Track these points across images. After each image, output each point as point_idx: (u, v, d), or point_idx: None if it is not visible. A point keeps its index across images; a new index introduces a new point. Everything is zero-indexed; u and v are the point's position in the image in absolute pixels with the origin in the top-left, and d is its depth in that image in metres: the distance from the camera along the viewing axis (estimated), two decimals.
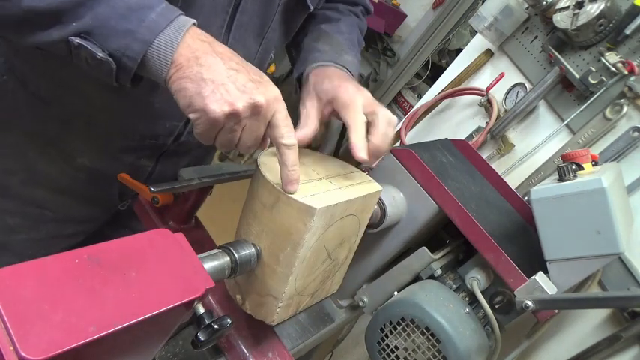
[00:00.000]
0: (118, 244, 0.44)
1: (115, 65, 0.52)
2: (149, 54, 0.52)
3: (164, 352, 0.75)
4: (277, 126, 0.55)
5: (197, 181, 0.73)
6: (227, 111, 0.51)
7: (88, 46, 0.51)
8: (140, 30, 0.51)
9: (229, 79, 0.52)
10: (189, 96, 0.52)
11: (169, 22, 0.52)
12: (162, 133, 0.81)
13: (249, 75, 0.54)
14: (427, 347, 0.70)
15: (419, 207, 0.77)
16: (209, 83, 0.51)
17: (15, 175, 0.80)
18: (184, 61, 0.52)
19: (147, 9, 0.51)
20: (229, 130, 0.54)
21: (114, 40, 0.51)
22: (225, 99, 0.51)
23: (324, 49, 0.81)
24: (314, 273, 0.64)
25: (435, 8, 2.90)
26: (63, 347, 0.33)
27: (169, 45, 0.51)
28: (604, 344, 0.95)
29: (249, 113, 0.53)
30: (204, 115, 0.52)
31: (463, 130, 1.39)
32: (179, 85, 0.52)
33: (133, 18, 0.51)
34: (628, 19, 1.02)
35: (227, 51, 0.55)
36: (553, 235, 0.72)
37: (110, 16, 0.50)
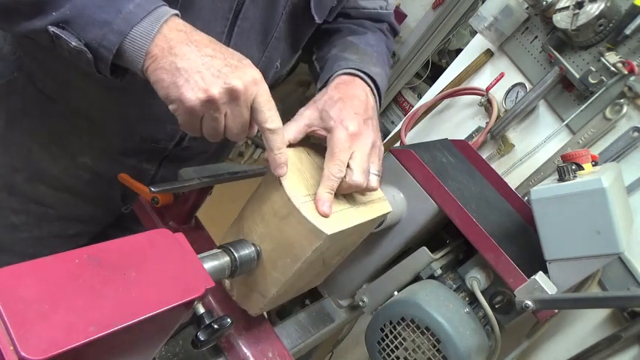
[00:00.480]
0: (118, 244, 0.44)
1: (92, 55, 0.52)
2: (124, 45, 0.51)
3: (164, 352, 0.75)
4: (260, 110, 0.54)
5: (197, 181, 0.73)
6: (202, 98, 0.51)
7: (64, 36, 0.51)
8: (116, 21, 0.50)
9: (204, 65, 0.51)
10: (165, 87, 0.51)
11: (147, 13, 0.52)
12: (162, 136, 0.81)
13: (225, 60, 0.52)
14: (427, 347, 0.70)
15: (419, 207, 0.77)
16: (183, 72, 0.51)
17: (19, 171, 0.81)
18: (159, 52, 0.51)
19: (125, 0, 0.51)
20: (211, 118, 0.53)
21: (90, 30, 0.51)
22: (199, 86, 0.50)
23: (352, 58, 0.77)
24: (305, 277, 0.65)
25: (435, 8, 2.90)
26: (63, 347, 0.33)
27: (145, 36, 0.51)
28: (604, 344, 0.95)
29: (226, 99, 0.52)
30: (181, 104, 0.51)
31: (463, 130, 1.39)
32: (156, 76, 0.52)
33: (110, 9, 0.51)
34: (628, 19, 1.01)
35: (204, 38, 0.54)
36: (553, 235, 0.72)
37: (88, 5, 0.51)
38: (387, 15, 0.91)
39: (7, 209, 0.83)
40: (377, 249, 0.83)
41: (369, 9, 0.89)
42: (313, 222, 0.55)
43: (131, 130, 0.79)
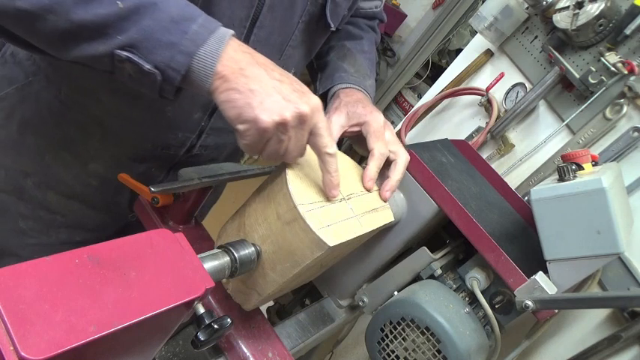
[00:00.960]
0: (117, 244, 0.43)
1: (160, 77, 0.52)
2: (193, 65, 0.52)
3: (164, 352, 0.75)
4: (320, 135, 0.57)
5: (197, 181, 0.73)
6: (277, 120, 0.52)
7: (135, 59, 0.51)
8: (183, 42, 0.51)
9: (275, 89, 0.53)
10: (238, 107, 0.52)
11: (211, 33, 0.53)
12: (173, 143, 0.82)
13: (291, 85, 0.55)
14: (427, 347, 0.70)
15: (419, 207, 0.77)
16: (257, 94, 0.52)
17: (30, 176, 0.81)
18: (229, 73, 0.52)
19: (189, 20, 0.52)
20: (277, 140, 0.55)
21: (158, 52, 0.51)
22: (274, 109, 0.52)
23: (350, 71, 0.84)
24: (301, 278, 0.65)
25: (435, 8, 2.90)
26: (63, 347, 0.33)
27: (212, 56, 0.52)
28: (604, 344, 0.95)
29: (296, 123, 0.54)
30: (255, 125, 0.52)
31: (463, 130, 1.39)
32: (227, 96, 0.52)
33: (176, 30, 0.51)
34: (628, 19, 1.01)
35: (268, 62, 0.56)
36: (553, 235, 0.72)
37: (154, 29, 0.51)
38: (379, 13, 0.98)
39: (16, 214, 0.83)
40: (377, 249, 0.83)
41: (366, 9, 0.94)
42: (317, 233, 0.55)
43: (144, 136, 0.80)
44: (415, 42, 2.97)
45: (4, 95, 0.76)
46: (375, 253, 0.83)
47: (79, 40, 0.52)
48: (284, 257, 0.58)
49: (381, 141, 0.72)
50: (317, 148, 0.58)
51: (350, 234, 0.60)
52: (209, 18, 0.54)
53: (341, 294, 0.90)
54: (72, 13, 0.50)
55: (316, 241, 0.55)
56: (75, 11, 0.49)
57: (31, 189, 0.82)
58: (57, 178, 0.81)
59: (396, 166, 0.73)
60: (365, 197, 0.69)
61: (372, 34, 0.98)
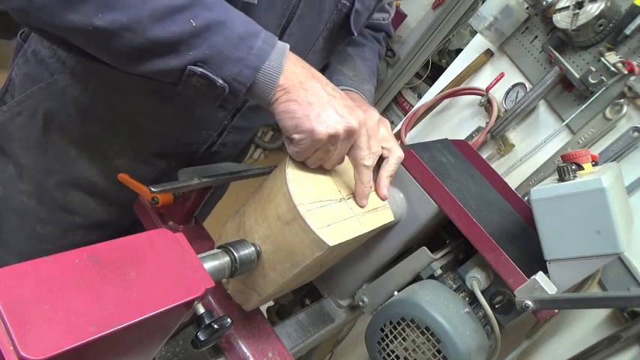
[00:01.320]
0: (117, 244, 0.44)
1: (228, 90, 0.55)
2: (258, 79, 0.56)
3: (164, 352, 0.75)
4: (361, 148, 0.62)
5: (197, 181, 0.73)
6: (331, 133, 0.56)
7: (209, 74, 0.54)
8: (250, 57, 0.55)
9: (329, 103, 0.57)
10: (297, 117, 0.56)
11: (272, 47, 0.56)
12: (197, 140, 0.84)
13: (343, 100, 0.59)
14: (427, 347, 0.70)
15: (419, 207, 0.77)
16: (315, 107, 0.56)
17: (53, 176, 0.81)
18: (290, 86, 0.56)
19: (254, 37, 0.55)
20: (326, 150, 0.59)
21: (227, 67, 0.54)
22: (329, 122, 0.56)
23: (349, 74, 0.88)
24: (301, 278, 0.65)
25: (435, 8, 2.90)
26: (63, 347, 0.33)
27: (275, 70, 0.56)
28: (604, 344, 0.95)
29: (345, 136, 0.58)
30: (311, 136, 0.56)
31: (463, 130, 1.39)
32: (286, 107, 0.56)
33: (243, 46, 0.54)
34: (628, 19, 1.01)
35: (322, 76, 0.60)
36: (553, 235, 0.72)
37: (224, 45, 0.54)
38: (386, 25, 1.01)
39: (35, 219, 0.84)
40: (377, 249, 0.83)
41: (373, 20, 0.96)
42: (317, 232, 0.55)
43: (169, 133, 0.81)
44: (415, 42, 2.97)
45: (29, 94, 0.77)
46: (375, 253, 0.83)
47: (152, 56, 0.55)
48: (284, 257, 0.58)
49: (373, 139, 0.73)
50: (355, 160, 0.63)
51: (350, 234, 0.60)
52: (269, 33, 0.57)
53: (341, 294, 0.90)
54: (148, 30, 0.52)
55: (316, 241, 0.55)
56: (151, 29, 0.52)
57: (52, 189, 0.82)
58: (81, 174, 0.82)
59: (387, 162, 0.74)
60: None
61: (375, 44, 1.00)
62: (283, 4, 0.68)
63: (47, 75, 0.76)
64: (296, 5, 0.69)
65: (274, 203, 0.59)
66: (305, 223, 0.55)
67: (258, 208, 0.62)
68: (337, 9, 0.76)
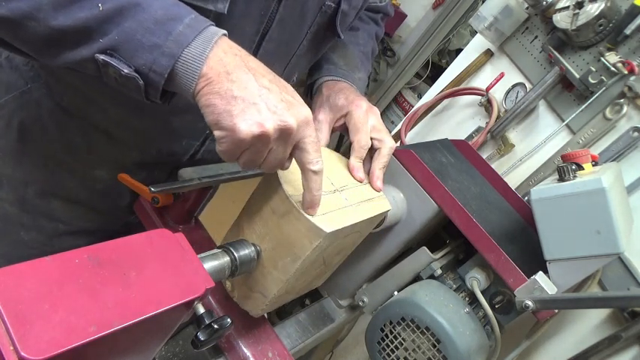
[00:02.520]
0: (117, 244, 0.44)
1: (142, 81, 0.50)
2: (177, 68, 0.49)
3: (164, 352, 0.75)
4: (306, 150, 0.54)
5: (197, 181, 0.73)
6: (256, 132, 0.49)
7: (114, 63, 0.49)
8: (167, 44, 0.49)
9: (261, 97, 0.50)
10: (217, 113, 0.49)
11: (197, 33, 0.50)
12: (178, 150, 0.82)
13: (281, 94, 0.51)
14: (427, 347, 0.70)
15: (419, 207, 0.77)
16: (239, 102, 0.49)
17: (31, 185, 0.80)
18: (214, 76, 0.49)
19: (174, 21, 0.49)
20: (255, 151, 0.52)
21: (140, 54, 0.49)
22: (255, 120, 0.49)
23: (339, 63, 0.84)
24: (306, 276, 0.65)
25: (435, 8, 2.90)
26: (63, 347, 0.33)
27: (198, 58, 0.49)
28: (604, 344, 0.95)
29: (277, 135, 0.51)
30: (232, 134, 0.49)
31: (463, 130, 1.39)
32: (207, 100, 0.50)
33: (159, 31, 0.49)
34: (628, 19, 1.01)
35: (260, 66, 0.53)
36: (553, 235, 0.72)
37: (136, 30, 0.49)
38: (383, 7, 0.96)
39: (18, 225, 0.82)
40: (377, 249, 0.83)
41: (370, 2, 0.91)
42: (312, 220, 0.55)
43: (149, 144, 0.79)
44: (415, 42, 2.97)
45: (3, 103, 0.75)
46: (375, 253, 0.83)
47: (61, 46, 0.50)
48: (284, 252, 0.58)
49: (360, 132, 0.72)
50: (301, 164, 0.55)
51: (346, 221, 0.59)
52: (199, 17, 0.51)
53: (341, 294, 0.90)
54: (51, 18, 0.48)
55: (313, 229, 0.55)
56: (55, 17, 0.48)
57: (32, 198, 0.80)
58: (61, 184, 0.80)
59: (379, 154, 0.73)
60: (359, 188, 0.69)
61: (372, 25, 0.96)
62: (261, 10, 0.64)
63: (22, 83, 0.74)
64: (275, 10, 0.65)
65: (268, 200, 0.59)
66: (299, 212, 0.55)
67: (254, 209, 0.62)
68: (321, 11, 0.72)
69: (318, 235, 0.55)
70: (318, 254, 0.59)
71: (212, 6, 0.58)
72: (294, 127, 0.51)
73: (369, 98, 3.27)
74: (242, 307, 0.66)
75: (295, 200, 0.56)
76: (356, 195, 0.67)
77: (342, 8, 0.73)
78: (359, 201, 0.66)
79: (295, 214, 0.56)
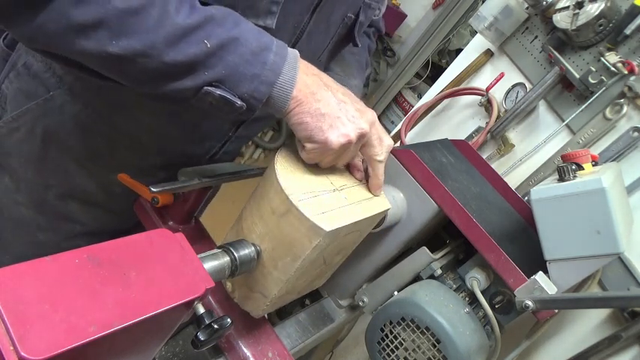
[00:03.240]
0: (118, 244, 0.44)
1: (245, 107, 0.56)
2: (273, 93, 0.56)
3: (164, 352, 0.75)
4: (373, 145, 0.64)
5: (197, 181, 0.73)
6: (344, 142, 0.58)
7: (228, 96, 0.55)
8: (264, 73, 0.55)
9: (341, 111, 0.59)
10: (309, 130, 0.58)
11: (284, 59, 0.57)
12: (200, 152, 0.84)
13: (353, 104, 0.61)
14: (427, 347, 0.70)
15: (419, 207, 0.77)
16: (327, 118, 0.58)
17: (52, 188, 0.80)
18: (303, 97, 0.57)
19: (267, 50, 0.55)
20: (339, 155, 0.61)
21: (243, 84, 0.55)
22: (341, 132, 0.58)
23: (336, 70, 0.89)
24: (306, 276, 0.65)
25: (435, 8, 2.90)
26: (63, 347, 0.33)
27: (289, 83, 0.57)
28: (604, 344, 0.95)
29: (357, 140, 0.60)
30: (324, 146, 0.58)
31: (463, 130, 1.39)
32: (299, 119, 0.58)
33: (256, 62, 0.55)
34: (628, 19, 1.01)
35: (331, 81, 0.61)
36: (553, 235, 0.72)
37: (238, 63, 0.54)
38: (376, 21, 1.00)
39: (34, 227, 0.83)
40: (377, 249, 0.83)
41: None
42: (312, 219, 0.55)
43: (173, 147, 0.81)
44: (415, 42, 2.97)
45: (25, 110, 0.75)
46: (375, 253, 0.83)
47: (167, 79, 0.54)
48: (284, 252, 0.58)
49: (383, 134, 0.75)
50: (369, 157, 0.65)
51: (346, 220, 0.59)
52: (279, 42, 0.57)
53: (341, 294, 0.90)
54: (164, 55, 0.51)
55: (312, 228, 0.55)
56: (167, 53, 0.51)
57: (51, 200, 0.81)
58: (80, 187, 0.81)
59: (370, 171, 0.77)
60: (359, 188, 0.69)
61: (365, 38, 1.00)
62: (294, 22, 0.68)
63: (43, 91, 0.74)
64: (306, 23, 0.70)
65: (267, 199, 0.59)
66: (299, 211, 0.55)
67: (253, 209, 0.62)
68: (343, 22, 0.77)
69: (318, 234, 0.55)
70: (318, 253, 0.59)
71: (262, 22, 0.63)
72: (368, 132, 0.61)
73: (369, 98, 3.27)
74: (243, 308, 0.66)
75: (295, 200, 0.56)
76: (355, 194, 0.67)
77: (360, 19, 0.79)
78: (358, 200, 0.66)
79: (295, 213, 0.56)
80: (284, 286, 0.60)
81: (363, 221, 0.64)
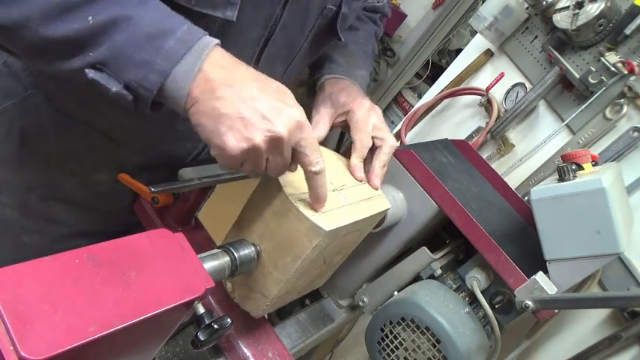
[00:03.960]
0: (118, 244, 0.44)
1: (132, 97, 0.50)
2: (166, 84, 0.49)
3: (164, 352, 0.75)
4: (304, 154, 0.53)
5: (197, 181, 0.73)
6: (245, 147, 0.49)
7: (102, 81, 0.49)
8: (157, 60, 0.48)
9: (248, 110, 0.49)
10: (207, 132, 0.50)
11: (188, 48, 0.49)
12: (181, 152, 0.82)
13: (269, 101, 0.50)
14: (427, 347, 0.70)
15: (419, 207, 0.77)
16: (226, 119, 0.49)
17: (34, 190, 0.79)
18: (200, 94, 0.49)
19: (166, 35, 0.48)
20: (252, 162, 0.52)
21: (130, 70, 0.48)
22: (242, 135, 0.49)
23: (340, 61, 0.85)
24: (306, 276, 0.65)
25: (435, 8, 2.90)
26: (63, 347, 0.33)
27: (186, 75, 0.49)
28: (604, 344, 0.95)
29: (268, 146, 0.50)
30: (223, 152, 0.50)
31: (463, 130, 1.39)
32: (197, 120, 0.50)
33: (150, 47, 0.48)
34: (628, 19, 1.01)
35: (247, 75, 0.52)
36: (553, 235, 0.72)
37: (126, 45, 0.48)
38: (381, 7, 0.97)
39: (19, 229, 0.82)
40: (377, 249, 0.83)
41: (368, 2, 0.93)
42: (312, 219, 0.55)
43: (152, 147, 0.79)
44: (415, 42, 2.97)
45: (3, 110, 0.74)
46: (375, 253, 0.83)
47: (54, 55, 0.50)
48: (284, 251, 0.58)
49: (362, 131, 0.73)
50: (302, 166, 0.55)
51: (346, 219, 0.59)
52: (192, 29, 0.50)
53: (341, 294, 0.90)
54: (41, 28, 0.47)
55: (312, 228, 0.55)
56: (45, 26, 0.47)
57: (35, 202, 0.80)
58: (62, 188, 0.80)
59: (380, 152, 0.73)
60: (358, 187, 0.69)
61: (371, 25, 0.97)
62: (266, 15, 0.65)
63: (21, 89, 0.73)
64: (279, 15, 0.66)
65: (268, 200, 0.59)
66: (298, 211, 0.55)
67: (253, 210, 0.62)
68: (323, 14, 0.73)
69: (318, 233, 0.55)
70: (318, 253, 0.59)
71: (221, 13, 0.58)
72: (284, 135, 0.50)
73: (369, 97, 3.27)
74: (243, 308, 0.66)
75: (295, 200, 0.56)
76: (355, 194, 0.67)
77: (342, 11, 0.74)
78: (358, 200, 0.66)
79: (295, 213, 0.56)
80: (284, 286, 0.60)
81: (363, 221, 0.64)
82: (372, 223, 0.71)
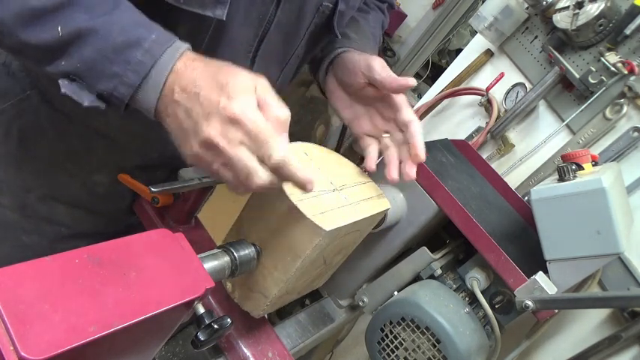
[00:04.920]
0: (118, 244, 0.44)
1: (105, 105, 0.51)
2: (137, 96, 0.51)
3: (164, 352, 0.75)
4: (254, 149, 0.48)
5: (197, 181, 0.73)
6: (198, 159, 0.51)
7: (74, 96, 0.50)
8: (126, 73, 0.49)
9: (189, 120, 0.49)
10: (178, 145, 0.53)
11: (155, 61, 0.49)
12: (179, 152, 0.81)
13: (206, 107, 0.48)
14: (427, 347, 0.70)
15: (419, 207, 0.77)
16: (178, 133, 0.51)
17: (33, 191, 0.79)
18: (163, 109, 0.51)
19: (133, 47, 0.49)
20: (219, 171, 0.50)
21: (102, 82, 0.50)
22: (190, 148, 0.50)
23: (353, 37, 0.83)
24: (306, 276, 0.65)
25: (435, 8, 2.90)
26: (63, 347, 0.33)
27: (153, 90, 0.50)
28: (604, 344, 0.95)
29: (211, 151, 0.49)
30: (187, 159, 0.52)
31: (463, 130, 1.39)
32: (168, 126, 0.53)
33: (118, 60, 0.49)
34: (628, 19, 1.01)
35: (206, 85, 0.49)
36: (553, 235, 0.72)
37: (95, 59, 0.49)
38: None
39: (20, 230, 0.82)
40: (377, 249, 0.83)
41: None
42: (312, 219, 0.55)
43: (150, 148, 0.79)
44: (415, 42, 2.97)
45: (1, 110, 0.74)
46: (375, 253, 0.83)
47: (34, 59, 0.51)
48: (284, 252, 0.58)
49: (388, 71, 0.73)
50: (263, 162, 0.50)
51: (346, 219, 0.59)
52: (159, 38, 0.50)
53: (341, 294, 0.90)
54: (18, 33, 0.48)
55: (312, 228, 0.55)
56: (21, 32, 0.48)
57: (33, 204, 0.80)
58: (61, 189, 0.80)
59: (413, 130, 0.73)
60: (359, 188, 0.69)
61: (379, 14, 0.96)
62: (259, 14, 0.64)
63: (19, 90, 0.73)
64: (273, 14, 0.65)
65: (268, 200, 0.59)
66: (299, 211, 0.55)
67: (253, 209, 0.62)
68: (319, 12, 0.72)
69: (318, 233, 0.55)
70: (318, 253, 0.59)
71: (210, 12, 0.58)
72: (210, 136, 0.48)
73: None
74: (243, 308, 0.66)
75: (295, 199, 0.56)
76: (355, 194, 0.67)
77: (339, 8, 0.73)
78: (358, 200, 0.66)
79: (295, 212, 0.56)
80: (284, 286, 0.60)
81: (363, 221, 0.64)
82: (372, 223, 0.71)
